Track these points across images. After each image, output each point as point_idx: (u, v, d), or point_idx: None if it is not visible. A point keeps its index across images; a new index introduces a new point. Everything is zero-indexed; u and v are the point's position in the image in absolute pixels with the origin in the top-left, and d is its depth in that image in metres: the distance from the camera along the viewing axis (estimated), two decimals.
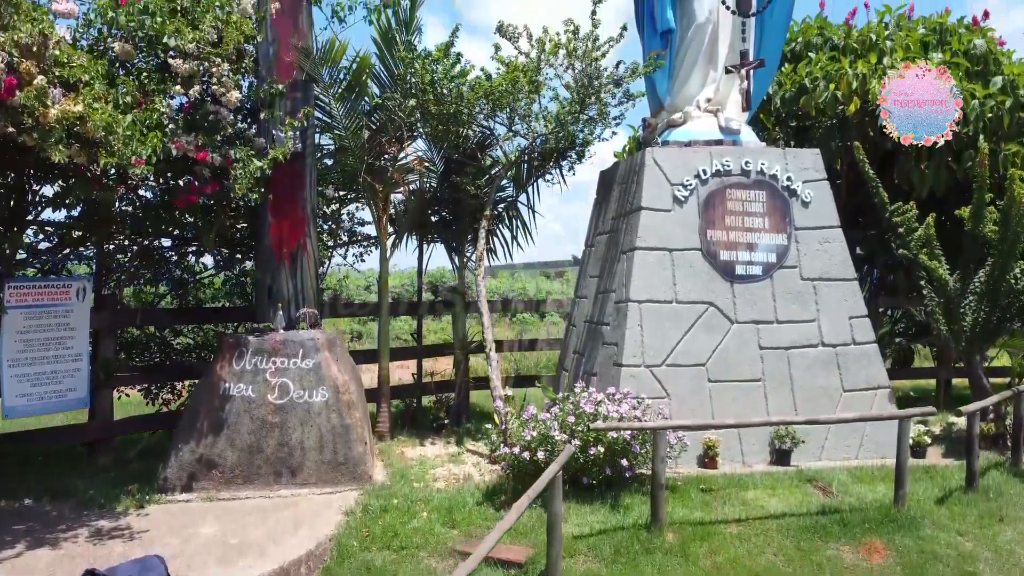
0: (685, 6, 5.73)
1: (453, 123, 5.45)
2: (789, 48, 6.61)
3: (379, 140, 5.32)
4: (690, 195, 5.27)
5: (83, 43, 4.20)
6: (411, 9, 5.35)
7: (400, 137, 5.38)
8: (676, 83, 5.82)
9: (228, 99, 4.21)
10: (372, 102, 5.26)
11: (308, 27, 4.98)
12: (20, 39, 3.23)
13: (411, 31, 5.42)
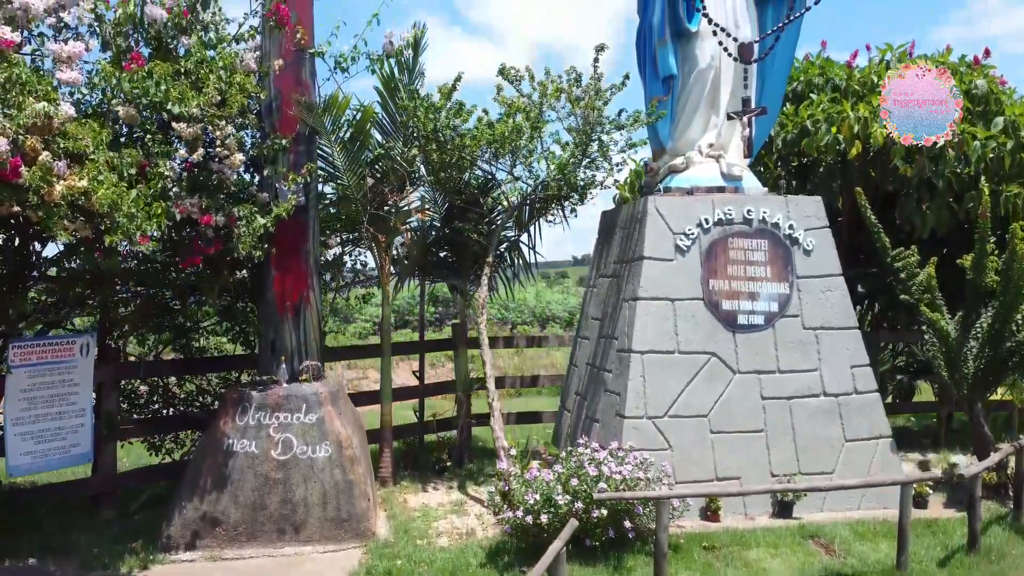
0: (687, 51, 5.75)
1: (455, 170, 5.48)
2: (791, 88, 6.61)
3: (381, 189, 5.33)
4: (692, 244, 5.27)
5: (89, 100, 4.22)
6: (413, 57, 5.36)
7: (402, 186, 5.39)
8: (678, 127, 5.83)
9: (232, 161, 4.22)
10: (375, 152, 5.28)
11: (311, 79, 4.99)
12: (25, 123, 3.24)
13: (413, 78, 5.44)
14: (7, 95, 3.29)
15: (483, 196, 5.83)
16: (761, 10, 5.89)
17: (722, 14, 5.67)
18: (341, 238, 5.56)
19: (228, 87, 4.23)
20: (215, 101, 4.18)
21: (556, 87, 5.71)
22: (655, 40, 5.60)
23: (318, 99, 5.12)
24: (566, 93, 5.57)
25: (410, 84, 5.36)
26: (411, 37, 5.24)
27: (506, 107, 5.64)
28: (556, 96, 5.67)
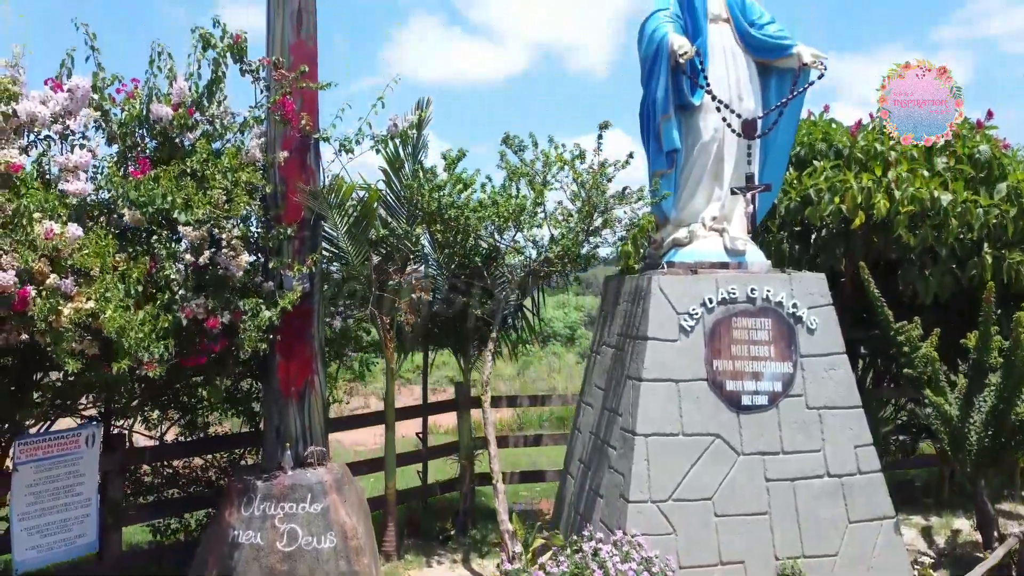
0: (691, 123, 5.76)
1: (459, 245, 5.49)
2: (794, 153, 6.62)
3: (386, 268, 5.34)
4: (696, 324, 5.28)
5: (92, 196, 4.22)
6: (417, 135, 5.38)
7: (406, 263, 5.40)
8: (681, 199, 5.84)
9: (238, 262, 4.23)
10: (379, 233, 5.29)
11: (315, 163, 5.00)
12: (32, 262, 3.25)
13: (417, 154, 5.45)
14: (15, 226, 3.29)
15: (486, 268, 5.84)
16: (764, 82, 5.91)
17: (725, 88, 5.69)
18: (345, 313, 5.57)
19: (234, 186, 4.24)
20: (221, 201, 4.19)
21: (559, 157, 5.75)
22: (659, 116, 5.60)
23: (323, 180, 5.14)
24: (570, 167, 5.59)
25: (414, 163, 5.38)
26: (415, 118, 5.25)
27: (509, 173, 5.69)
28: (560, 165, 5.70)
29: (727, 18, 5.85)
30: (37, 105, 3.86)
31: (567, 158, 5.70)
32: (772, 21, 5.94)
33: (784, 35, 5.80)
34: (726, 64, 5.75)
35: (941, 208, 5.97)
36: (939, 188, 6.04)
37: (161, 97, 4.39)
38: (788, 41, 5.75)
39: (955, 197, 6.04)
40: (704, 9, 5.78)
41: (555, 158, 5.77)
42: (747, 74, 5.78)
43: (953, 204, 6.00)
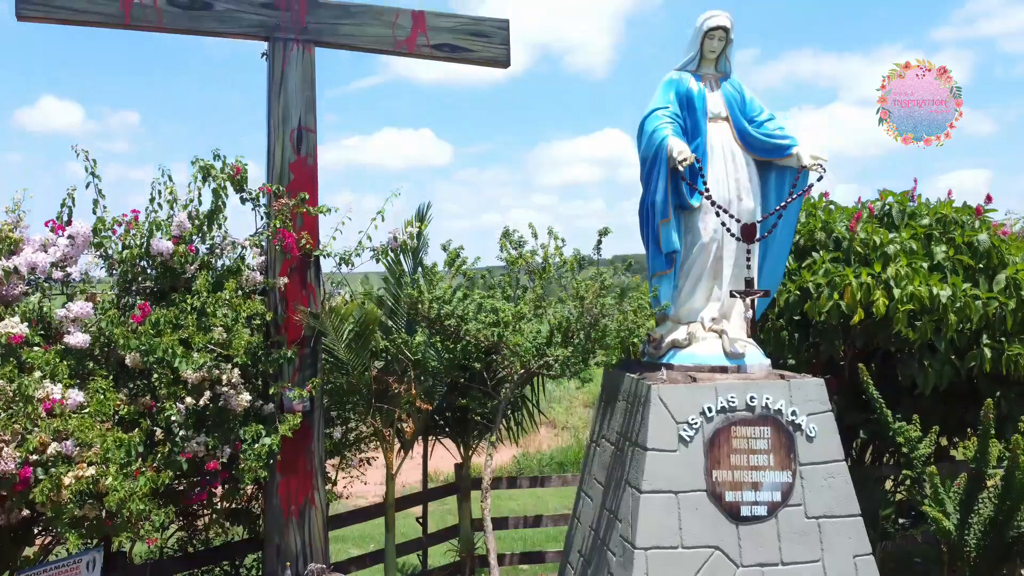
0: (690, 223, 5.77)
1: (459, 352, 5.51)
2: (794, 241, 6.63)
3: (386, 378, 5.36)
4: (695, 434, 5.30)
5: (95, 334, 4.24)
6: (416, 246, 5.40)
7: (406, 370, 5.42)
8: (681, 297, 5.85)
9: (239, 401, 4.24)
10: (380, 344, 5.30)
11: (316, 280, 5.02)
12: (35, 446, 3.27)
13: (417, 264, 5.47)
14: (16, 406, 3.32)
15: (486, 370, 5.85)
16: (764, 179, 5.92)
17: (724, 188, 5.70)
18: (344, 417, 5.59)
19: (234, 322, 4.26)
20: (222, 339, 4.21)
21: (558, 250, 5.79)
22: (658, 220, 5.62)
23: (322, 293, 5.16)
24: (570, 273, 5.61)
25: (414, 270, 5.40)
26: (415, 230, 5.27)
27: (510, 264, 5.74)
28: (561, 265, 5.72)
29: (726, 116, 5.86)
30: (38, 254, 3.90)
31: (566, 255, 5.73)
32: (772, 117, 5.95)
33: (783, 134, 5.81)
34: (725, 164, 5.77)
35: (940, 304, 5.98)
36: (938, 284, 6.05)
37: (162, 225, 4.42)
38: (787, 141, 5.76)
39: (954, 292, 6.05)
40: (703, 108, 5.80)
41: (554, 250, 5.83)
42: (746, 174, 5.79)
43: (952, 300, 6.01)
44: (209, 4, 4.72)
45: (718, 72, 5.95)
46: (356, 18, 5.09)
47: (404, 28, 5.17)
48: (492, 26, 5.40)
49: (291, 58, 4.89)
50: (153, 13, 4.60)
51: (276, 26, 4.87)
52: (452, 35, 5.29)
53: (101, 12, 4.51)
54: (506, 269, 6.09)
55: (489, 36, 5.40)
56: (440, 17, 5.26)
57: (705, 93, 5.82)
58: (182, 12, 4.67)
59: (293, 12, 4.88)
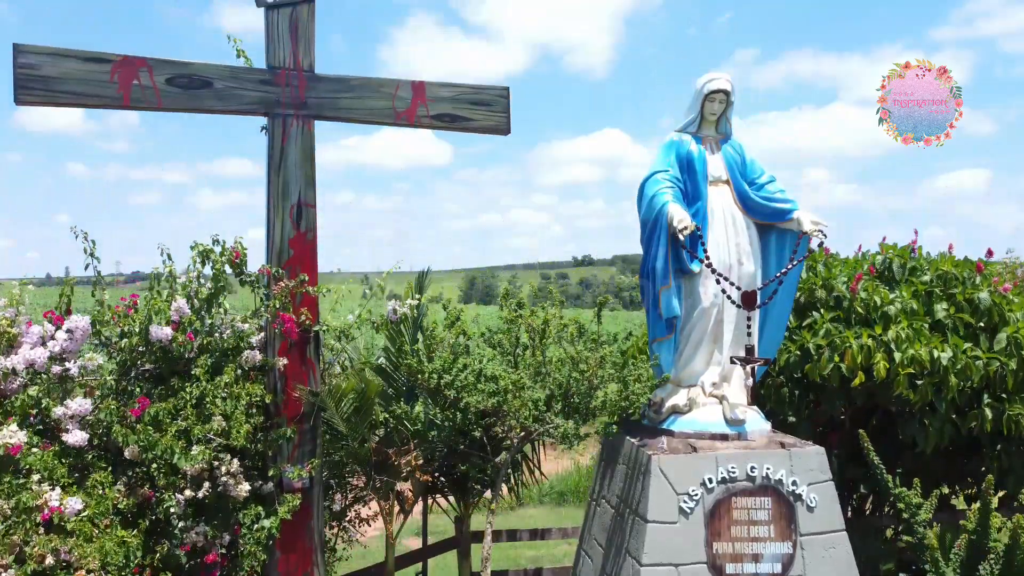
0: (690, 287, 5.76)
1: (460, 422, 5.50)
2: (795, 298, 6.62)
3: (386, 450, 5.35)
4: (696, 506, 5.29)
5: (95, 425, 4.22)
6: (416, 317, 5.39)
7: (405, 441, 5.41)
8: (681, 360, 5.85)
9: (238, 492, 4.23)
10: (380, 416, 5.29)
11: (316, 355, 5.01)
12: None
13: (416, 334, 5.46)
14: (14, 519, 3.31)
15: (486, 434, 5.84)
16: (764, 241, 5.91)
17: (725, 252, 5.70)
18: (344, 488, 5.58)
19: (234, 410, 4.25)
20: (221, 428, 4.20)
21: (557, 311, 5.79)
22: (658, 287, 5.61)
23: (322, 365, 5.15)
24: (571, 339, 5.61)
25: (413, 340, 5.38)
26: (415, 301, 5.26)
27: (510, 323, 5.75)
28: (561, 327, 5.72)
29: (727, 179, 5.85)
30: (37, 350, 3.89)
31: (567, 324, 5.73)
32: (772, 179, 5.95)
33: (783, 198, 5.80)
34: (726, 228, 5.76)
35: (941, 367, 5.97)
36: (939, 345, 6.04)
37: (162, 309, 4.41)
38: (788, 206, 5.75)
39: (955, 353, 6.04)
40: (704, 172, 5.79)
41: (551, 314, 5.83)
42: (747, 237, 5.78)
43: (953, 362, 6.00)
44: (208, 82, 4.71)
45: (719, 133, 5.95)
46: (356, 91, 5.07)
47: (404, 100, 5.16)
48: (493, 94, 5.39)
49: (291, 134, 4.88)
50: (152, 94, 4.59)
51: (276, 102, 4.85)
52: (452, 105, 5.27)
53: (100, 95, 4.50)
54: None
55: (490, 104, 5.39)
56: (440, 87, 5.25)
57: (706, 156, 5.81)
58: (181, 92, 4.66)
59: (293, 88, 4.87)
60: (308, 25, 4.94)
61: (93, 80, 4.46)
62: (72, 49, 4.42)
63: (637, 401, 5.40)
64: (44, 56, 4.36)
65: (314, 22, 4.97)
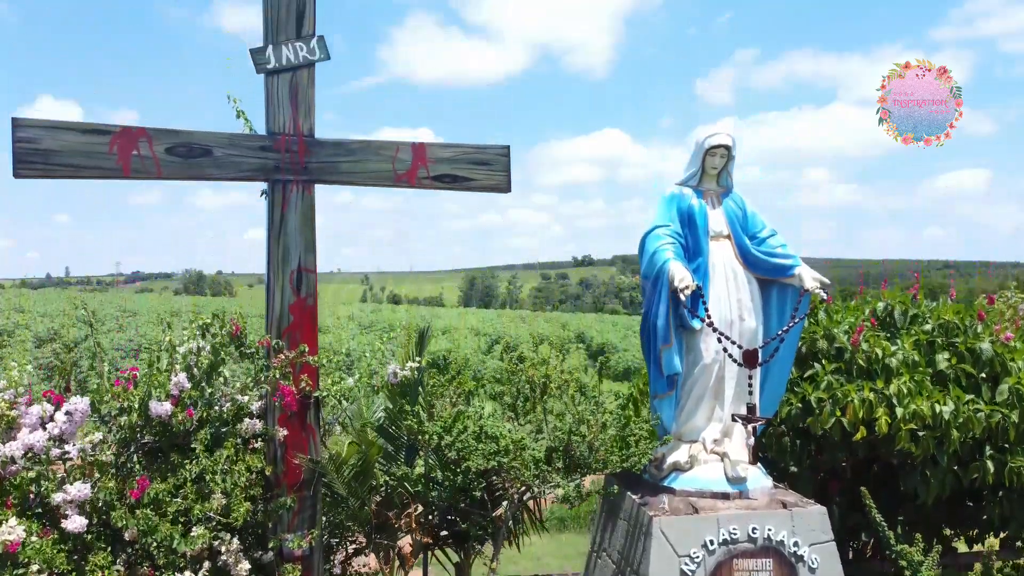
0: (691, 342, 5.75)
1: (461, 482, 5.49)
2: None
3: (386, 512, 5.33)
4: (697, 568, 5.27)
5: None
6: (416, 379, 5.37)
7: (405, 504, 5.39)
8: (682, 415, 5.83)
9: (238, 571, 4.22)
10: (380, 480, 5.28)
11: (316, 420, 4.99)
12: None
13: (416, 396, 5.45)
14: None
15: (487, 491, 5.83)
16: (766, 296, 5.90)
17: (726, 308, 5.69)
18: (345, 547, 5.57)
19: (233, 488, 4.23)
20: (220, 506, 4.18)
21: (559, 364, 5.76)
22: (659, 345, 5.59)
23: (322, 429, 5.14)
24: (572, 399, 5.59)
25: (414, 402, 5.37)
26: (415, 364, 5.25)
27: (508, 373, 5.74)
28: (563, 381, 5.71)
29: (728, 234, 5.84)
30: (36, 433, 3.87)
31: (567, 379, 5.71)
32: (773, 233, 5.93)
33: (785, 254, 5.78)
34: (727, 283, 5.75)
35: (943, 421, 5.96)
36: (940, 398, 6.03)
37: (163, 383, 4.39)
38: (789, 262, 5.73)
39: (957, 406, 6.03)
40: (705, 227, 5.77)
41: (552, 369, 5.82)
42: (748, 293, 5.77)
43: (955, 415, 5.99)
44: (208, 151, 4.69)
45: (720, 187, 5.93)
46: (356, 155, 5.05)
47: (404, 162, 5.14)
48: (493, 154, 5.37)
49: (291, 200, 4.86)
50: (151, 164, 4.57)
51: (276, 168, 4.84)
52: (452, 165, 5.25)
53: (99, 167, 4.49)
54: None
55: (490, 164, 5.37)
56: (441, 148, 5.23)
57: (707, 210, 5.79)
58: (181, 161, 4.64)
59: (292, 154, 4.86)
60: (308, 90, 4.93)
61: (92, 152, 4.45)
62: (71, 122, 4.41)
63: (638, 464, 5.38)
64: (43, 129, 4.35)
65: (314, 87, 4.95)
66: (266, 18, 4.84)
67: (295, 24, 4.88)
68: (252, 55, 4.80)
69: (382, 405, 5.47)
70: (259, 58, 4.81)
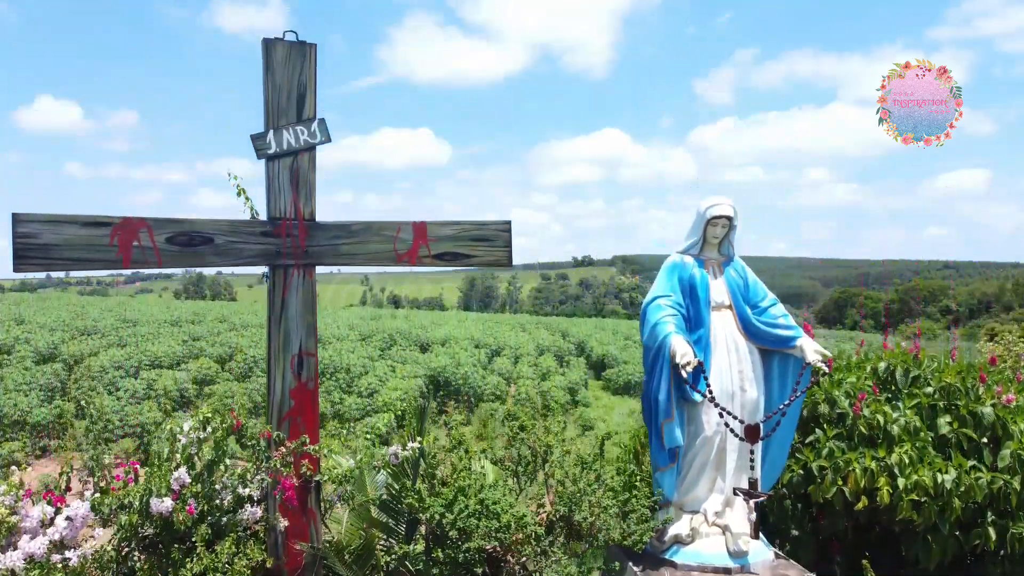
0: (692, 414, 5.75)
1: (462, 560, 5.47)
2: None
3: None
4: None
5: None
6: (417, 459, 5.36)
7: None
8: (684, 485, 5.84)
9: None
10: (381, 561, 5.27)
11: (317, 504, 4.98)
12: None
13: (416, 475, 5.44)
14: None
15: (488, 567, 5.81)
16: (767, 367, 5.90)
17: (728, 379, 5.69)
18: None
19: None
20: None
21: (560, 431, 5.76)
22: (661, 419, 5.59)
23: (322, 510, 5.13)
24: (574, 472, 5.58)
25: (415, 483, 5.36)
26: (416, 444, 5.24)
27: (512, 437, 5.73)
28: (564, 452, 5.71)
29: (729, 304, 5.84)
30: (37, 540, 3.85)
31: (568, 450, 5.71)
32: (775, 303, 5.93)
33: (786, 324, 5.79)
34: (728, 355, 5.75)
35: (944, 490, 5.95)
36: (942, 466, 6.02)
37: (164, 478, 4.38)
38: (790, 333, 5.73)
39: (959, 474, 6.02)
40: (706, 298, 5.77)
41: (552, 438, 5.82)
42: (749, 364, 5.77)
43: (956, 483, 5.98)
44: (209, 239, 4.68)
45: (721, 255, 5.93)
46: (357, 236, 5.04)
47: (406, 241, 5.13)
48: (494, 229, 5.36)
49: (292, 284, 4.85)
50: (152, 254, 4.56)
51: (277, 253, 4.82)
52: (454, 243, 5.24)
53: (100, 259, 4.47)
54: None
55: (491, 240, 5.36)
56: (442, 226, 5.22)
57: (708, 281, 5.79)
58: (181, 250, 4.62)
59: (294, 238, 4.84)
60: (309, 174, 4.91)
61: (93, 245, 4.42)
62: (71, 215, 4.39)
63: (639, 543, 5.38)
64: (43, 224, 4.33)
65: (315, 170, 4.94)
66: (267, 104, 4.82)
67: (296, 108, 4.88)
68: (253, 141, 4.79)
69: (384, 480, 5.46)
70: (260, 144, 4.79)
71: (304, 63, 4.87)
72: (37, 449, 14.04)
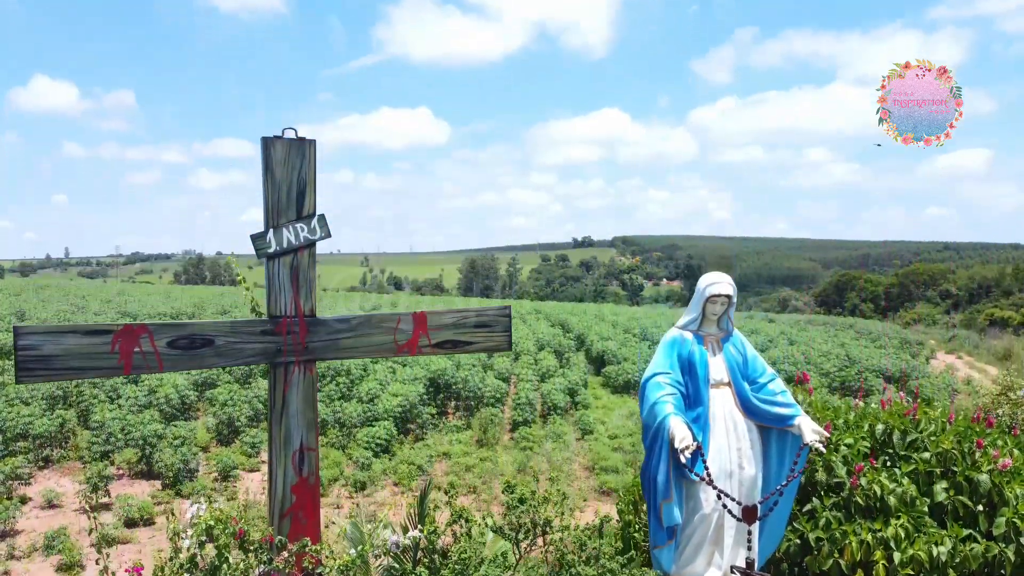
0: (691, 492, 5.79)
1: None
2: None
3: None
4: None
5: None
6: (416, 546, 5.42)
7: None
8: (682, 559, 5.90)
9: None
10: None
11: None
12: None
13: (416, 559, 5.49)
14: None
15: None
16: (765, 442, 5.94)
17: (726, 457, 5.73)
18: None
19: None
20: None
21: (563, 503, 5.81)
22: (660, 499, 5.64)
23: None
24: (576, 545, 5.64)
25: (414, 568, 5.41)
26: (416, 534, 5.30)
27: None
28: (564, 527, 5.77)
29: (728, 382, 5.87)
30: None
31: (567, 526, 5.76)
32: (773, 378, 5.96)
33: (785, 402, 5.81)
34: (727, 433, 5.78)
35: (940, 563, 6.01)
36: (938, 537, 6.07)
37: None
38: (789, 411, 5.76)
39: (954, 545, 6.08)
40: (705, 376, 5.79)
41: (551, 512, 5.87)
42: (748, 441, 5.81)
43: (952, 555, 6.04)
44: (210, 340, 4.69)
45: (720, 330, 5.94)
46: (357, 330, 5.05)
47: (406, 332, 5.14)
48: (494, 315, 5.38)
49: (292, 381, 4.87)
50: (153, 359, 4.58)
51: (278, 351, 4.84)
52: (454, 331, 5.26)
53: (101, 367, 4.49)
54: None
55: (491, 326, 5.37)
56: (441, 315, 5.23)
57: (707, 359, 5.81)
58: (183, 353, 4.64)
59: (294, 335, 4.86)
60: (309, 271, 4.92)
61: (94, 354, 4.44)
62: (72, 325, 4.40)
63: None
64: (44, 336, 4.35)
65: (315, 267, 4.95)
66: (266, 202, 4.81)
67: (296, 205, 4.87)
68: (253, 241, 4.79)
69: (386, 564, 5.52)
70: (260, 244, 4.79)
71: (304, 160, 4.86)
72: (40, 460, 14.15)
